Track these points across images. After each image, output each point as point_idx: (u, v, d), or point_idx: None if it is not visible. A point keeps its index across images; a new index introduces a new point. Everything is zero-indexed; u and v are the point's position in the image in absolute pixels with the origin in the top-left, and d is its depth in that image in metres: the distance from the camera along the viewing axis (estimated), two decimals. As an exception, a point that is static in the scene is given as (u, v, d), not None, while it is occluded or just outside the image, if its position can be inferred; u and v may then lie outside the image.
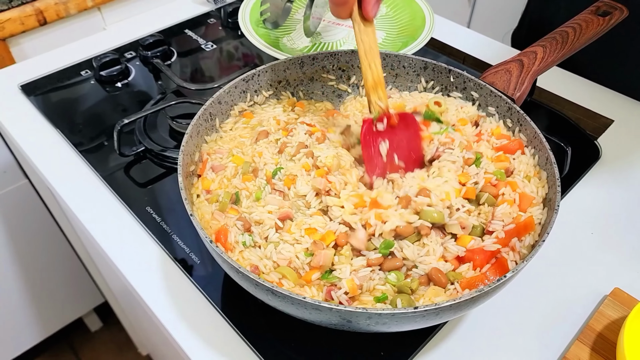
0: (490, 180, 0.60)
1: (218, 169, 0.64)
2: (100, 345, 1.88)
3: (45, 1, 1.13)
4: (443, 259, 0.55)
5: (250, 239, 0.57)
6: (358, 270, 0.54)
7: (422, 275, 0.54)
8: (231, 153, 0.66)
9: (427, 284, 0.54)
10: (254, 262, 0.55)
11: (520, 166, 0.63)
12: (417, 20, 1.01)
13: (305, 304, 0.47)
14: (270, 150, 0.66)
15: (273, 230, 0.58)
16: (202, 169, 0.64)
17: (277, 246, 0.56)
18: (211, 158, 0.65)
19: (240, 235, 0.57)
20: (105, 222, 0.76)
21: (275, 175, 0.62)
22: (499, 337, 0.63)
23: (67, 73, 1.05)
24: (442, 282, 0.52)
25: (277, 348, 0.61)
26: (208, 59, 1.10)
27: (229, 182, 0.63)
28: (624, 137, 0.89)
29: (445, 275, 0.53)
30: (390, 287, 0.54)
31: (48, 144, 0.90)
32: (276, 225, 0.58)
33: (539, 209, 0.58)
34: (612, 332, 0.62)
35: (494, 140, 0.67)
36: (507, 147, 0.66)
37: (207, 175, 0.63)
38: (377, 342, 0.62)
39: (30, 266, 1.47)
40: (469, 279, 0.53)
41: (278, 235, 0.58)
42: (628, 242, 0.74)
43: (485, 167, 0.62)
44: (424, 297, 0.52)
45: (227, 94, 0.71)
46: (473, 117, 0.71)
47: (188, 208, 0.54)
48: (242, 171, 0.63)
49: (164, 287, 0.68)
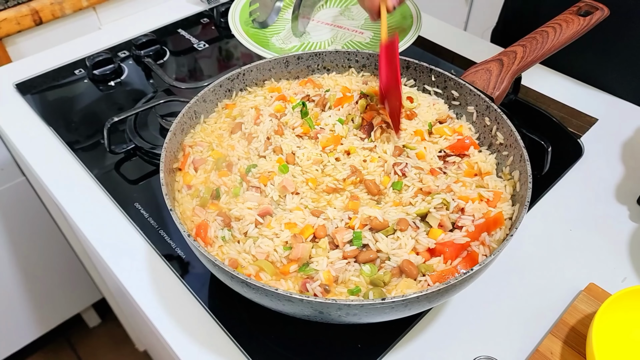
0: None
1: (199, 163, 0.65)
2: (98, 341, 1.90)
3: (40, 1, 1.15)
4: (415, 252, 0.56)
5: (229, 234, 0.59)
6: (334, 262, 0.56)
7: (394, 267, 0.55)
8: (211, 147, 0.68)
9: (400, 275, 0.55)
10: (232, 256, 0.57)
11: (483, 165, 0.66)
12: (407, 21, 1.02)
13: (279, 296, 0.49)
14: (242, 143, 0.68)
15: (252, 225, 0.59)
16: (183, 163, 0.66)
17: (256, 240, 0.58)
18: (192, 151, 0.67)
19: (220, 230, 0.59)
20: (94, 218, 0.78)
21: (249, 172, 0.64)
22: (475, 329, 0.65)
23: (61, 72, 1.07)
24: (413, 273, 0.54)
25: (260, 342, 0.63)
26: (200, 58, 1.12)
27: (208, 177, 0.64)
28: (607, 135, 0.91)
29: (416, 267, 0.55)
30: (364, 279, 0.55)
31: (41, 141, 0.92)
32: (256, 221, 0.60)
33: (509, 204, 0.60)
34: (585, 326, 0.63)
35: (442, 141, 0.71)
36: (459, 144, 0.68)
37: (188, 170, 0.65)
38: (357, 334, 0.63)
39: (28, 263, 1.49)
40: (440, 272, 0.54)
41: (257, 230, 0.59)
42: (605, 239, 0.75)
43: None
44: (395, 289, 0.54)
45: (212, 93, 0.73)
46: (443, 115, 0.73)
47: (168, 203, 0.56)
48: (216, 167, 0.64)
49: (150, 282, 0.70)
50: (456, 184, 0.63)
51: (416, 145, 0.69)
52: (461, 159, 0.68)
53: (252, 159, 0.67)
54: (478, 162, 0.67)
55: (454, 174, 0.66)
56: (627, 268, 0.71)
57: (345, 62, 0.81)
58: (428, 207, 0.60)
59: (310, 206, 0.62)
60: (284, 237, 0.58)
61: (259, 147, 0.67)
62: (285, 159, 0.66)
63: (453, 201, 0.60)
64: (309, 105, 0.75)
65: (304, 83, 0.79)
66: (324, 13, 1.07)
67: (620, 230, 0.76)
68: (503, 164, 0.67)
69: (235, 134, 0.70)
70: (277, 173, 0.64)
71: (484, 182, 0.64)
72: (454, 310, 0.66)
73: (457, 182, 0.64)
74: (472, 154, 0.68)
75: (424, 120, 0.73)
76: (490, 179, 0.65)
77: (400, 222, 0.58)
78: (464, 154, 0.68)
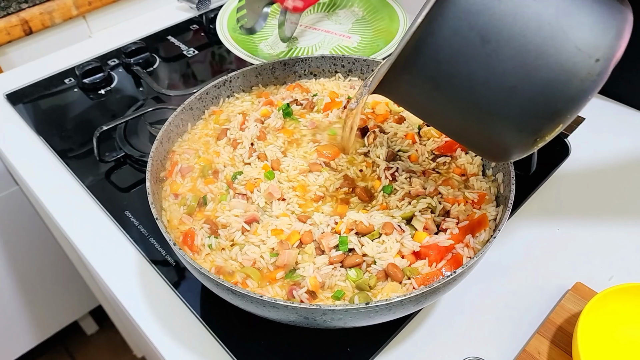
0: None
1: (186, 171, 0.66)
2: (96, 348, 1.90)
3: (30, 11, 1.16)
4: (400, 255, 0.57)
5: (216, 241, 0.59)
6: (320, 267, 0.57)
7: (380, 270, 0.56)
8: (197, 154, 0.68)
9: (385, 279, 0.56)
10: (218, 263, 0.57)
11: (469, 167, 0.66)
12: (395, 24, 1.03)
13: (264, 303, 0.49)
14: (227, 149, 0.68)
15: (239, 232, 0.60)
16: (170, 171, 0.66)
17: (242, 248, 0.59)
18: (180, 159, 0.68)
19: (206, 238, 0.59)
20: (84, 227, 0.79)
21: (235, 180, 0.64)
22: (463, 330, 0.65)
23: (51, 81, 1.07)
24: (399, 276, 0.55)
25: (251, 348, 0.63)
26: (190, 65, 1.12)
27: (195, 185, 0.65)
28: (594, 135, 0.91)
29: (401, 271, 0.55)
30: (350, 284, 0.56)
31: (31, 150, 0.92)
32: (243, 228, 0.60)
33: (493, 205, 0.60)
34: (572, 325, 0.64)
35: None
36: (447, 145, 0.69)
37: (175, 179, 0.65)
38: (346, 338, 0.64)
39: (24, 271, 1.49)
40: (425, 275, 0.55)
41: (244, 237, 0.60)
42: (593, 238, 0.75)
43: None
44: (381, 293, 0.54)
45: (199, 101, 0.73)
46: None
47: (154, 212, 0.56)
48: (202, 175, 0.65)
49: (141, 290, 0.70)
50: (444, 186, 0.64)
51: (408, 148, 0.70)
52: (451, 159, 0.68)
53: (237, 166, 0.67)
54: (464, 164, 0.68)
55: (445, 174, 0.66)
56: (613, 267, 0.72)
57: (331, 67, 0.81)
58: (413, 211, 0.60)
59: (297, 211, 0.63)
60: (270, 243, 0.59)
61: (244, 154, 0.68)
62: (271, 165, 0.66)
63: (439, 204, 0.61)
64: (296, 108, 0.75)
65: (291, 88, 0.80)
66: (312, 18, 1.07)
67: (606, 229, 0.76)
68: (487, 165, 0.67)
69: (221, 140, 0.70)
70: (263, 180, 0.65)
71: (469, 183, 0.65)
72: (443, 312, 0.67)
73: (447, 182, 0.64)
74: (458, 155, 0.69)
75: (413, 123, 0.73)
76: (477, 180, 0.65)
77: (386, 226, 0.59)
78: (452, 155, 0.69)
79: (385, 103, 0.76)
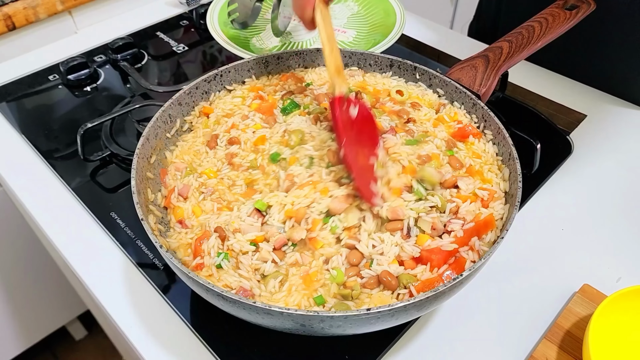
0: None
1: (184, 192, 0.61)
2: (85, 354, 1.85)
3: (13, 6, 1.11)
4: (398, 261, 0.53)
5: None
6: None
7: (372, 276, 0.52)
8: (191, 166, 0.64)
9: (378, 285, 0.52)
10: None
11: (483, 155, 0.63)
12: (390, 18, 1.00)
13: (257, 309, 0.46)
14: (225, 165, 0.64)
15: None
16: (167, 200, 0.61)
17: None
18: (170, 176, 0.63)
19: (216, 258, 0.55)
20: (68, 229, 0.75)
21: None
22: (467, 336, 0.62)
23: (35, 78, 1.03)
24: (392, 285, 0.51)
25: (244, 357, 0.60)
26: (179, 61, 1.08)
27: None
28: (596, 131, 0.89)
29: (396, 279, 0.51)
30: (333, 287, 0.52)
31: (13, 149, 0.88)
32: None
33: (501, 203, 0.57)
34: (580, 329, 0.61)
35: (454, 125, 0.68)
36: (460, 132, 0.66)
37: (179, 204, 0.60)
38: (344, 346, 0.60)
39: (9, 274, 1.45)
40: (424, 282, 0.51)
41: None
42: (599, 238, 0.73)
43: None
44: (369, 303, 0.51)
45: (188, 95, 0.70)
46: (435, 103, 0.71)
47: (139, 213, 0.53)
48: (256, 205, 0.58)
49: (127, 295, 0.66)
50: (464, 173, 0.61)
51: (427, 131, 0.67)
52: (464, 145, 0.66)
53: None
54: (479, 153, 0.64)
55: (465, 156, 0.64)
56: (621, 267, 0.69)
57: (326, 61, 0.78)
58: (420, 210, 0.56)
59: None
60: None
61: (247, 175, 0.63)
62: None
63: (451, 202, 0.57)
64: (299, 100, 0.71)
65: (285, 78, 0.76)
66: (306, 12, 1.04)
67: (613, 228, 0.74)
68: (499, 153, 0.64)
69: (212, 149, 0.66)
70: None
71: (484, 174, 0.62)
72: (444, 317, 0.64)
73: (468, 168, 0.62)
74: (472, 142, 0.66)
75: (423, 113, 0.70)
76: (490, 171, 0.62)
77: (392, 224, 0.55)
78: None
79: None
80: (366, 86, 0.75)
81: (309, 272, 0.53)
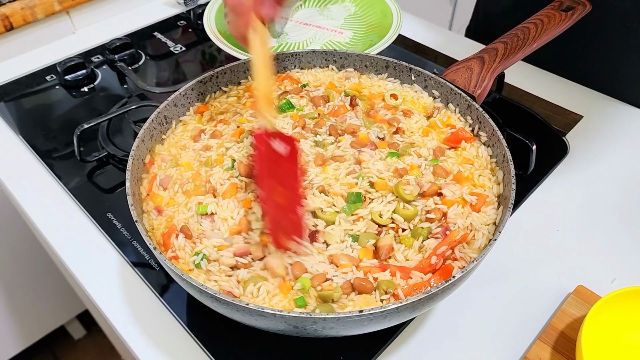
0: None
1: (165, 182, 0.61)
2: (84, 353, 1.86)
3: (11, 6, 1.11)
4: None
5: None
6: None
7: (346, 281, 0.52)
8: (175, 159, 0.64)
9: (352, 290, 0.52)
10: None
11: (475, 161, 0.63)
12: (387, 19, 1.00)
13: (250, 311, 0.46)
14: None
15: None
16: (149, 187, 0.61)
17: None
18: (156, 166, 0.64)
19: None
20: (64, 229, 0.75)
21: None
22: (461, 337, 0.62)
23: (33, 78, 1.03)
24: (368, 288, 0.51)
25: (239, 358, 0.60)
26: (178, 62, 1.09)
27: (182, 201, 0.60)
28: (592, 132, 0.89)
29: (369, 282, 0.51)
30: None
31: (10, 150, 0.88)
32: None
33: (493, 208, 0.57)
34: (574, 330, 0.61)
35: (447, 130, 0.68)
36: (453, 137, 0.66)
37: (159, 192, 0.61)
38: (339, 347, 0.60)
39: (8, 274, 1.45)
40: (412, 286, 0.51)
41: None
42: (594, 239, 0.73)
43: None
44: (352, 307, 0.50)
45: (184, 97, 0.70)
46: (429, 107, 0.71)
47: (133, 214, 0.53)
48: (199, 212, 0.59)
49: (123, 296, 0.67)
50: (452, 183, 0.61)
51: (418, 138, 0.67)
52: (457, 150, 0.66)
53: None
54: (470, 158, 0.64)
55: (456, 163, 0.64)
56: (616, 269, 0.69)
57: (323, 62, 0.78)
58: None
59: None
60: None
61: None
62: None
63: (435, 205, 0.58)
64: (295, 102, 0.72)
65: (281, 79, 0.76)
66: (303, 13, 1.04)
67: (608, 229, 0.74)
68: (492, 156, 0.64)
69: (197, 142, 0.66)
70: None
71: (474, 179, 0.62)
72: (438, 318, 0.64)
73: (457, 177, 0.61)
74: (464, 148, 0.66)
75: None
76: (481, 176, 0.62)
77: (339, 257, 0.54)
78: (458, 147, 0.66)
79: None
80: (362, 89, 0.75)
81: (285, 281, 0.53)
